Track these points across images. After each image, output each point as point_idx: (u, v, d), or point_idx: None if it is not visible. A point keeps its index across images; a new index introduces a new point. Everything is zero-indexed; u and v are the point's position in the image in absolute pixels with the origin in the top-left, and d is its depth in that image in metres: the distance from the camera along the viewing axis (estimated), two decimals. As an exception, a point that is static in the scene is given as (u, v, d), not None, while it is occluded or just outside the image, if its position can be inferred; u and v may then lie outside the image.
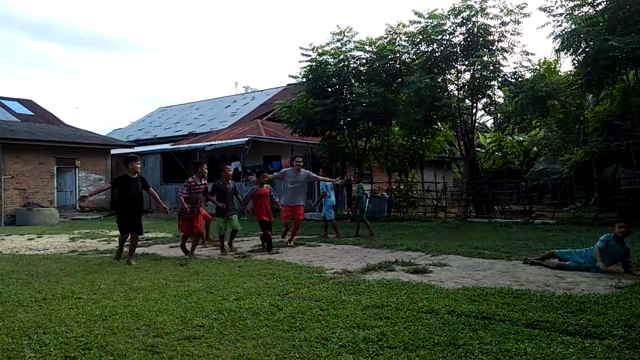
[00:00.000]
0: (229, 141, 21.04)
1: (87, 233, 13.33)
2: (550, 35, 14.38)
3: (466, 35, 16.37)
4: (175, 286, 5.81)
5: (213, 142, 21.56)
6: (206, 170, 8.94)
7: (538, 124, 18.50)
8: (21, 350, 3.61)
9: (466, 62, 16.36)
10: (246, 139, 20.01)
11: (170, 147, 23.79)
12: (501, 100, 17.71)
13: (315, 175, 10.79)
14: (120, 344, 3.67)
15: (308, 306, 4.67)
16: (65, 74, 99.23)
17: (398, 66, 17.71)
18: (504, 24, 16.11)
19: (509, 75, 16.02)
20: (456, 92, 17.44)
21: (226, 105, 32.88)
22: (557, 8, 14.36)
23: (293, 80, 19.25)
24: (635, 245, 8.69)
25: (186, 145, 22.93)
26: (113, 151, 24.50)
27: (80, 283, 6.12)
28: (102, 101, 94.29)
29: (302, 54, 18.08)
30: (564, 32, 13.97)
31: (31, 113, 27.05)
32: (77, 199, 22.54)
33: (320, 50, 18.06)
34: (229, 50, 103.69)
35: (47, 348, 3.65)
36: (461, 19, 16.23)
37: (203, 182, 8.79)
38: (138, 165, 8.12)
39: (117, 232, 13.47)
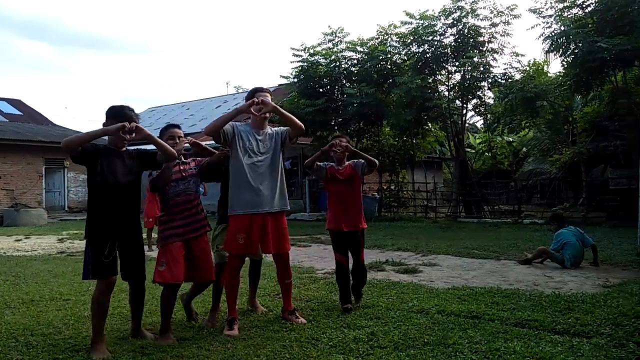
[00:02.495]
0: (220, 141, 20.96)
1: (75, 234, 13.21)
2: (539, 36, 14.51)
3: (457, 36, 16.46)
4: (165, 287, 5.76)
5: (204, 143, 21.44)
6: (183, 138, 4.20)
7: (527, 124, 18.65)
8: (8, 353, 3.57)
9: (457, 63, 16.46)
10: (237, 139, 19.92)
11: (161, 147, 23.63)
12: (491, 101, 17.86)
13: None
14: (110, 346, 3.64)
15: (299, 306, 4.66)
16: (54, 73, 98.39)
17: (389, 67, 17.76)
18: (494, 25, 16.22)
19: (499, 76, 16.14)
20: (447, 93, 17.53)
21: (217, 105, 32.77)
22: (546, 10, 14.49)
23: (284, 81, 19.26)
24: (623, 243, 8.78)
25: (177, 146, 22.80)
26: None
27: (69, 284, 6.06)
28: (91, 101, 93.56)
29: (294, 55, 18.10)
30: (553, 34, 14.08)
31: (20, 113, 26.81)
32: (66, 199, 22.38)
33: (311, 51, 18.07)
34: (219, 50, 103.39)
35: (35, 350, 3.61)
36: (452, 20, 16.31)
37: (189, 161, 4.25)
38: (127, 136, 3.56)
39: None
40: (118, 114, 3.63)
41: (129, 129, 3.50)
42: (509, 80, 15.88)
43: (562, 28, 13.88)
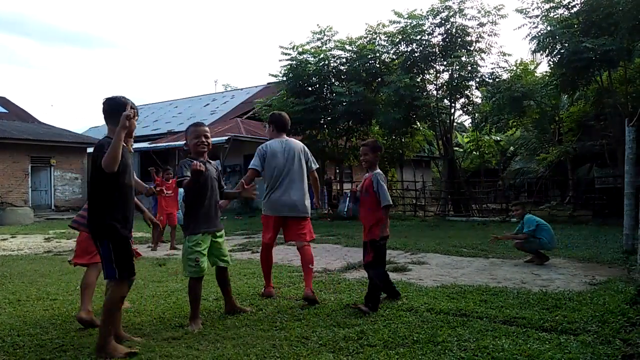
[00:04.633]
0: (209, 140, 20.87)
1: (62, 233, 13.08)
2: (526, 36, 14.66)
3: (445, 35, 16.55)
4: (154, 286, 5.73)
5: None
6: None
7: (515, 124, 18.83)
8: (-6, 353, 3.52)
9: (445, 63, 16.54)
10: (226, 137, 19.89)
11: (149, 145, 23.50)
12: (479, 101, 17.98)
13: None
14: (98, 346, 3.61)
15: (288, 305, 4.67)
16: (40, 70, 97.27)
17: (378, 66, 17.81)
18: (481, 25, 16.35)
19: (487, 76, 16.26)
20: (435, 92, 17.63)
21: (205, 103, 32.64)
22: (533, 10, 14.66)
23: (273, 79, 19.26)
24: (609, 241, 8.90)
25: (165, 144, 22.69)
26: (89, 149, 24.11)
27: (56, 284, 6.00)
28: (78, 99, 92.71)
29: (283, 53, 18.08)
30: (539, 34, 14.22)
31: (5, 111, 26.48)
32: (52, 198, 22.12)
33: (300, 49, 18.05)
34: (208, 48, 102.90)
35: (22, 350, 3.57)
36: (440, 20, 16.40)
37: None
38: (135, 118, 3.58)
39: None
40: (120, 106, 3.48)
41: (132, 114, 3.41)
42: (497, 80, 16.01)
43: (549, 28, 14.02)
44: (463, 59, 15.66)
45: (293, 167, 5.09)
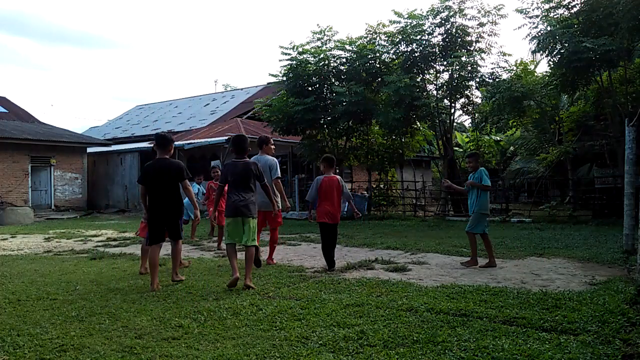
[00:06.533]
0: (209, 140, 20.89)
1: (62, 233, 13.08)
2: (526, 36, 14.67)
3: (445, 35, 16.55)
4: (154, 286, 5.73)
5: (192, 141, 21.39)
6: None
7: (514, 124, 18.82)
8: (-6, 353, 3.52)
9: (445, 63, 16.54)
10: (226, 137, 19.88)
11: (149, 145, 23.48)
12: (479, 101, 17.98)
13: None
14: (98, 346, 3.62)
15: (288, 305, 4.67)
16: (40, 70, 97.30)
17: (378, 66, 17.80)
18: (481, 25, 16.35)
19: (487, 76, 16.25)
20: (435, 92, 17.62)
21: (205, 103, 32.62)
22: (533, 10, 14.67)
23: (273, 79, 19.22)
24: (609, 241, 8.90)
25: (164, 144, 22.66)
26: (89, 149, 24.13)
27: (56, 284, 6.00)
28: (78, 99, 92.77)
29: (283, 53, 18.05)
30: (539, 34, 14.23)
31: (5, 110, 26.46)
32: (52, 198, 22.11)
33: (300, 49, 18.03)
34: (208, 48, 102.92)
35: (22, 350, 3.58)
36: (440, 20, 16.40)
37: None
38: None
39: (94, 232, 13.31)
40: (168, 141, 6.09)
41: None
42: (497, 80, 16.00)
43: (549, 28, 14.02)
44: (463, 59, 15.65)
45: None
